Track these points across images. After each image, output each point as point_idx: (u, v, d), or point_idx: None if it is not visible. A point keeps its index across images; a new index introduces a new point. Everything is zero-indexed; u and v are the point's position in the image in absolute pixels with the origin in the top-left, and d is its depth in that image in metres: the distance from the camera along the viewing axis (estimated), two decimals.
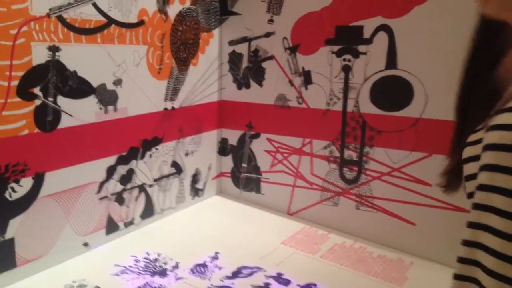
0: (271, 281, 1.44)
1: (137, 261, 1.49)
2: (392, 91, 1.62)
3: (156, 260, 1.50)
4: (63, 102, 1.37)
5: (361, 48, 1.67)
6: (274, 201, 1.93)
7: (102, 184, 1.52)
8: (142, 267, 1.46)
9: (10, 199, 1.27)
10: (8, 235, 1.28)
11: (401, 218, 1.67)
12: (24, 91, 1.27)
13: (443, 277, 1.50)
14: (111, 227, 1.58)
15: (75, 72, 1.39)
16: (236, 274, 1.46)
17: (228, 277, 1.44)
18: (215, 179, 2.03)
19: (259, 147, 1.94)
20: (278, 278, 1.46)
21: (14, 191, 1.28)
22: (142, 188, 1.67)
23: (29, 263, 1.34)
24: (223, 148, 2.03)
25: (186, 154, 1.86)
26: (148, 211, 1.72)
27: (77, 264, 1.44)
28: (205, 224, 1.80)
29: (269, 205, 1.94)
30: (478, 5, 0.75)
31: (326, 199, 1.82)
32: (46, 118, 1.34)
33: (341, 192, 1.78)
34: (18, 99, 1.26)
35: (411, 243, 1.64)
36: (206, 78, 1.91)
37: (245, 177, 2.00)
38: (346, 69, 1.71)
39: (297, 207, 1.88)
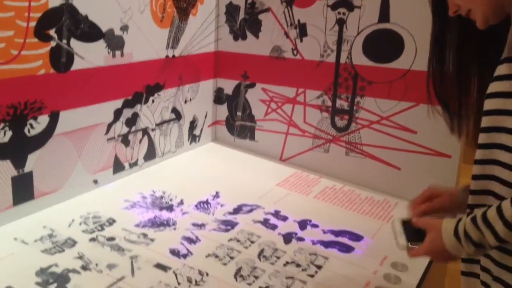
0: (270, 217, 1.56)
1: (144, 197, 1.59)
2: (384, 44, 1.73)
3: (162, 197, 1.61)
4: (75, 45, 1.43)
5: (356, 1, 1.75)
6: (268, 148, 2.04)
7: (110, 126, 1.60)
8: (150, 203, 1.56)
9: (28, 134, 1.34)
10: (27, 168, 1.36)
11: (388, 163, 1.80)
12: (41, 32, 1.33)
13: None
14: (118, 166, 1.67)
15: (86, 16, 1.45)
16: (237, 210, 1.58)
17: (230, 213, 1.56)
18: (210, 127, 2.12)
19: (254, 96, 2.03)
20: (276, 214, 1.58)
21: (32, 127, 1.35)
22: (145, 131, 1.76)
23: (46, 195, 1.43)
24: (219, 97, 2.11)
25: (185, 101, 1.94)
26: (151, 154, 1.81)
27: (89, 199, 1.53)
28: (203, 167, 1.90)
29: (262, 152, 2.05)
30: None
31: (317, 146, 1.93)
32: (61, 59, 1.40)
33: (332, 139, 1.90)
34: (36, 40, 1.32)
35: (396, 186, 1.78)
36: (204, 28, 1.98)
37: (239, 125, 2.09)
38: (341, 22, 1.80)
39: (290, 154, 2.00)
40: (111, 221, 1.42)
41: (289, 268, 1.30)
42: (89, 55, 1.48)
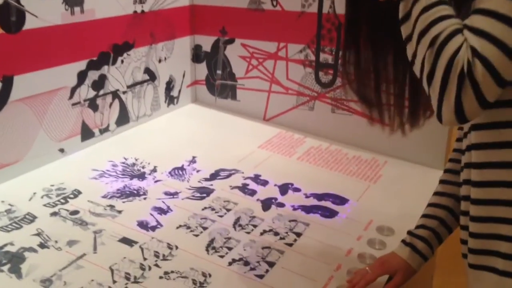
0: (249, 182, 1.46)
1: (114, 165, 1.49)
2: None
3: (134, 164, 1.51)
4: (26, 1, 1.30)
5: None
6: (250, 108, 1.93)
7: (73, 90, 1.49)
8: (120, 171, 1.46)
9: None
10: None
11: (376, 120, 1.68)
12: None
13: (414, 173, 1.56)
14: (86, 133, 1.56)
15: None
16: (214, 176, 1.48)
17: (206, 179, 1.46)
18: (189, 87, 2.00)
19: (234, 53, 1.90)
20: (256, 179, 1.48)
21: None
22: (115, 94, 1.64)
23: (5, 167, 1.33)
24: (197, 55, 1.98)
25: (159, 61, 1.81)
26: (123, 118, 1.70)
27: (54, 169, 1.43)
28: (181, 131, 1.80)
29: (245, 112, 1.94)
30: None
31: (301, 104, 1.82)
32: (10, 18, 1.27)
33: (316, 96, 1.78)
34: None
35: (385, 144, 1.67)
36: None
37: (220, 84, 1.97)
38: None
39: (273, 113, 1.89)
40: (76, 193, 1.32)
41: (266, 237, 1.21)
42: (43, 13, 1.35)
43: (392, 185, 1.50)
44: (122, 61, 1.64)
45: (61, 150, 1.49)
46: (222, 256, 1.12)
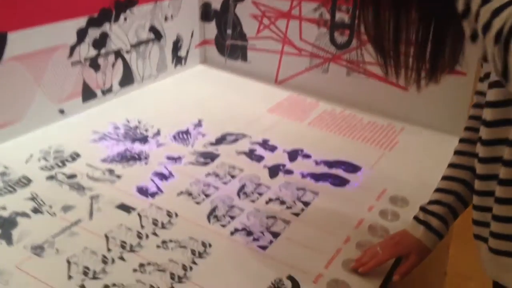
0: (257, 147, 1.39)
1: (116, 128, 1.43)
2: None
3: (136, 127, 1.44)
4: None
5: None
6: (261, 69, 1.83)
7: (73, 48, 1.41)
8: (122, 134, 1.40)
9: None
10: None
11: (393, 83, 1.58)
12: None
13: (433, 141, 1.47)
14: (88, 94, 1.50)
15: None
16: (220, 140, 1.41)
17: (212, 144, 1.39)
18: (198, 47, 1.91)
19: (245, 11, 1.80)
20: (264, 144, 1.41)
21: None
22: (118, 54, 1.56)
23: (1, 129, 1.27)
24: (206, 14, 1.88)
25: (166, 19, 1.72)
26: (127, 79, 1.62)
27: (53, 131, 1.38)
28: (188, 93, 1.72)
29: (255, 74, 1.85)
30: None
31: (315, 66, 1.72)
32: None
33: (331, 58, 1.68)
34: None
35: (403, 109, 1.58)
36: None
37: (230, 44, 1.88)
38: None
39: (285, 75, 1.79)
40: (75, 156, 1.27)
41: (272, 206, 1.14)
42: None
43: (408, 153, 1.41)
44: (125, 19, 1.55)
45: (61, 111, 1.43)
46: (224, 226, 1.06)
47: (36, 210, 1.06)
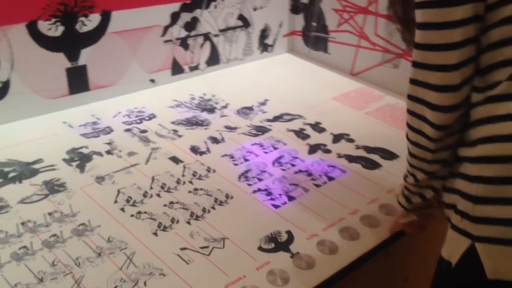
0: (307, 127, 1.54)
1: (193, 98, 1.67)
2: None
3: (209, 99, 1.67)
4: None
5: None
6: (340, 61, 1.96)
7: (166, 28, 1.68)
8: (195, 104, 1.64)
9: (80, 31, 1.48)
10: (81, 61, 1.51)
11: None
12: None
13: None
14: (176, 68, 1.76)
15: None
16: (276, 118, 1.58)
17: (268, 120, 1.57)
18: (286, 37, 2.09)
19: (328, 5, 1.93)
20: (315, 126, 1.55)
21: (84, 24, 1.48)
22: (207, 37, 1.81)
23: (100, 89, 1.59)
24: (296, 6, 2.05)
25: (255, 9, 1.93)
26: (214, 59, 1.86)
27: (142, 96, 1.66)
28: (266, 77, 1.90)
29: (334, 65, 1.98)
30: None
31: (387, 61, 1.81)
32: None
33: (402, 54, 1.75)
34: None
35: None
36: None
37: (314, 36, 2.03)
38: None
39: (360, 68, 1.90)
40: (152, 117, 1.54)
41: (299, 175, 1.29)
42: None
43: None
44: (216, 6, 1.79)
45: (152, 81, 1.71)
46: (250, 185, 1.24)
47: (108, 152, 1.34)
